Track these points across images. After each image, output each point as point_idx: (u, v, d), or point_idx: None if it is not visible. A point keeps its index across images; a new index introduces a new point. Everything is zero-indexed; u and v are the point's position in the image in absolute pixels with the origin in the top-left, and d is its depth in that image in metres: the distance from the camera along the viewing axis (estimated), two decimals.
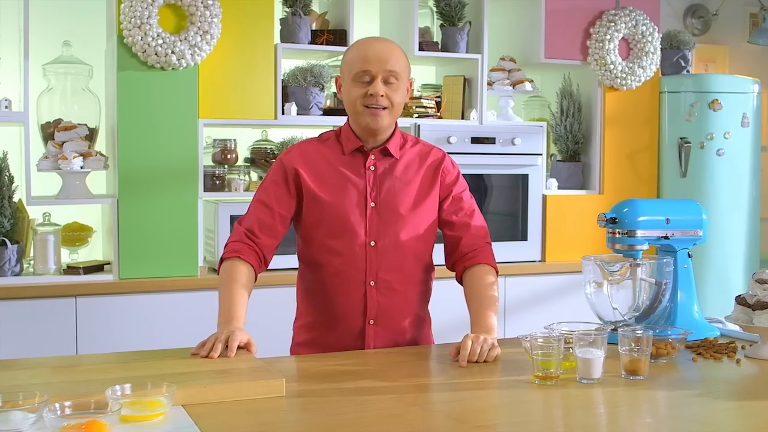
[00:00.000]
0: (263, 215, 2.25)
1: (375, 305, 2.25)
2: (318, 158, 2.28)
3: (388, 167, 2.28)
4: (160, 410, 1.59)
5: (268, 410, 1.67)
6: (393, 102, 2.20)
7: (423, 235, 2.29)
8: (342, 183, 2.25)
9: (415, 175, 2.30)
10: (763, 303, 2.10)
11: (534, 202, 4.13)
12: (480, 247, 2.32)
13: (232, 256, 2.21)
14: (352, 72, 2.21)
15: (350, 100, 2.22)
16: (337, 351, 2.23)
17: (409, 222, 2.26)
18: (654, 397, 1.82)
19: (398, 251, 2.25)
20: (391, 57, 2.20)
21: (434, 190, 2.31)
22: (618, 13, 4.18)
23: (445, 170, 2.34)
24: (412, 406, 1.68)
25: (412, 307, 2.32)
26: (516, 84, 4.11)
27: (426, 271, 2.35)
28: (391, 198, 2.26)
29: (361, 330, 2.26)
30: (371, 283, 2.24)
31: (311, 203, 2.25)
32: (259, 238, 2.24)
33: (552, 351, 1.87)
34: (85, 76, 3.64)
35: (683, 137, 4.29)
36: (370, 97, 2.18)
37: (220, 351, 1.96)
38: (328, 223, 2.24)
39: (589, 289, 2.34)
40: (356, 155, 2.28)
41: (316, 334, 2.32)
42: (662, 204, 2.45)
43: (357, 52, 2.22)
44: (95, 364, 1.92)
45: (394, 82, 2.20)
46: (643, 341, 1.92)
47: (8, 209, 3.35)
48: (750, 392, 1.90)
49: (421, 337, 2.37)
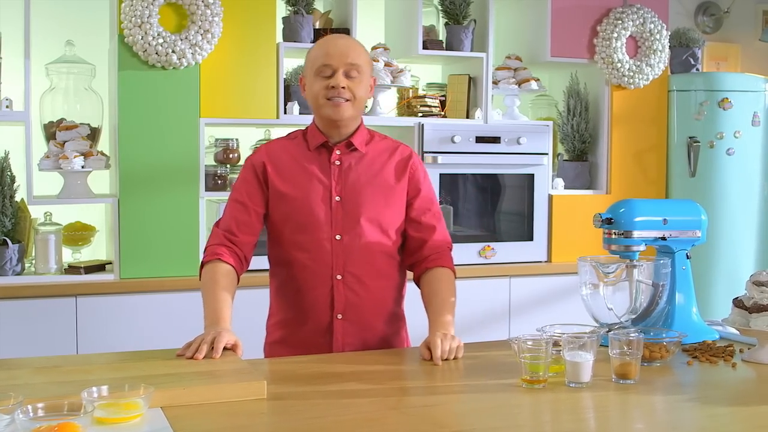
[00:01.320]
0: (239, 213, 2.27)
1: (343, 300, 2.24)
2: (284, 155, 2.30)
3: (354, 162, 2.28)
4: (136, 412, 1.58)
5: (247, 413, 1.65)
6: (355, 94, 2.21)
7: (390, 230, 2.29)
8: (307, 178, 2.26)
9: (382, 170, 2.30)
10: (760, 306, 2.05)
11: (540, 202, 4.09)
12: (442, 250, 2.33)
13: (213, 258, 2.21)
14: (314, 67, 2.23)
15: (312, 94, 2.24)
16: (308, 347, 2.23)
17: (374, 216, 2.26)
18: (644, 402, 1.78)
19: (364, 245, 2.25)
20: (353, 51, 2.22)
21: (402, 185, 2.31)
22: (625, 11, 4.12)
23: (414, 167, 2.34)
24: (393, 410, 1.66)
25: (382, 303, 2.31)
26: (522, 83, 4.07)
27: (397, 266, 2.34)
28: (356, 192, 2.26)
29: (329, 325, 2.25)
30: (338, 277, 2.24)
31: (277, 200, 2.26)
32: (238, 237, 2.25)
33: (540, 354, 1.83)
34: (87, 76, 3.64)
35: (692, 136, 4.23)
36: (332, 89, 2.19)
37: (205, 352, 1.95)
38: (294, 218, 2.25)
39: (585, 290, 2.31)
40: (321, 151, 2.29)
41: (288, 331, 2.31)
42: (660, 204, 2.40)
43: (319, 49, 2.25)
44: (78, 365, 1.91)
45: (356, 75, 2.22)
46: (634, 344, 1.88)
47: (9, 209, 3.35)
48: (744, 397, 1.85)
49: (394, 335, 2.35)
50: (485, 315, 3.93)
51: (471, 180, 4.01)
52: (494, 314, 3.96)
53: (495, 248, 4.00)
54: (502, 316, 3.97)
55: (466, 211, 4.06)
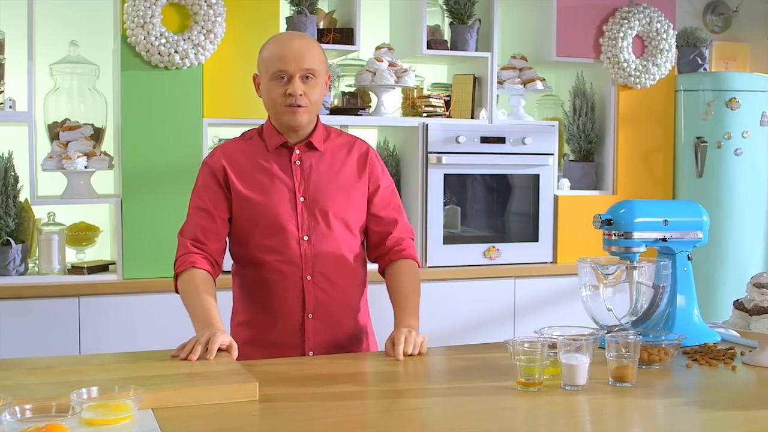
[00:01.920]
0: (203, 221, 2.24)
1: (313, 299, 2.24)
2: (242, 157, 2.28)
3: (315, 161, 2.28)
4: (125, 414, 1.57)
5: (238, 415, 1.64)
6: (311, 99, 2.22)
7: (353, 226, 2.30)
8: (270, 180, 2.25)
9: (342, 167, 2.30)
10: (760, 308, 2.02)
11: (545, 202, 4.06)
12: (405, 241, 2.35)
13: (187, 267, 2.19)
14: (269, 71, 2.21)
15: (270, 100, 2.23)
16: (278, 347, 2.22)
17: (338, 214, 2.26)
18: (641, 405, 1.76)
19: (331, 244, 2.25)
20: (308, 55, 2.20)
21: (362, 181, 2.32)
22: (632, 10, 4.09)
23: (372, 163, 2.35)
24: (384, 413, 1.64)
25: (349, 299, 2.31)
26: (527, 82, 4.04)
27: (360, 261, 2.35)
28: (320, 191, 2.26)
29: (300, 325, 2.25)
30: (308, 278, 2.24)
31: (241, 204, 2.24)
32: (206, 245, 2.23)
33: (535, 356, 1.81)
34: (91, 76, 3.64)
35: (700, 136, 4.19)
36: (289, 96, 2.19)
37: (199, 353, 1.94)
38: (261, 223, 2.23)
39: (584, 292, 2.29)
40: (281, 151, 2.28)
41: (256, 332, 2.29)
42: (661, 205, 2.37)
43: (273, 49, 2.22)
44: (73, 366, 1.90)
45: (312, 79, 2.21)
46: (631, 347, 1.86)
47: (13, 209, 3.36)
48: (743, 400, 1.82)
49: (360, 330, 2.35)
50: (490, 316, 3.91)
51: (476, 180, 3.99)
52: (499, 316, 3.94)
53: (500, 249, 3.98)
54: (506, 318, 3.95)
55: (470, 211, 4.04)
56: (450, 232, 3.93)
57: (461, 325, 3.85)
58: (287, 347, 2.23)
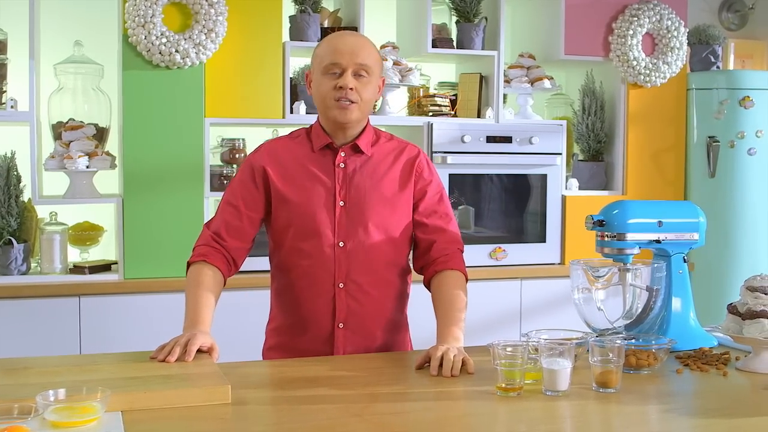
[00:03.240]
0: (230, 217, 2.20)
1: (344, 308, 2.18)
2: (287, 156, 2.22)
3: (359, 165, 2.21)
4: (91, 416, 1.55)
5: (207, 418, 1.61)
6: (362, 96, 2.14)
7: (395, 237, 2.21)
8: (310, 181, 2.18)
9: (388, 173, 2.22)
10: (753, 312, 1.96)
11: (553, 202, 4.00)
12: (452, 252, 2.23)
13: (199, 260, 2.17)
14: (321, 65, 2.15)
15: (319, 94, 2.16)
16: (307, 356, 2.16)
17: (379, 222, 2.18)
18: (623, 412, 1.71)
19: (368, 253, 2.18)
20: (362, 50, 2.14)
21: (408, 189, 2.23)
22: (642, 8, 4.02)
23: (420, 168, 2.25)
24: (355, 417, 1.60)
25: (384, 311, 2.23)
26: (534, 81, 3.99)
27: (401, 274, 2.26)
28: (361, 197, 2.18)
29: (330, 334, 2.19)
30: (340, 285, 2.17)
31: (280, 205, 2.19)
32: (226, 241, 2.19)
33: (515, 360, 1.77)
34: (96, 76, 3.64)
35: (712, 136, 4.11)
36: (340, 90, 2.12)
37: (177, 355, 1.92)
38: (296, 225, 2.18)
39: (577, 294, 2.24)
40: (326, 152, 2.21)
41: (286, 338, 2.25)
42: (655, 206, 2.31)
43: (328, 45, 2.16)
44: (49, 367, 1.88)
45: (365, 76, 2.14)
46: (615, 351, 1.81)
47: (15, 208, 3.37)
48: (729, 408, 1.76)
49: (395, 343, 2.28)
50: (495, 318, 3.86)
51: (481, 180, 3.94)
52: (505, 317, 3.89)
53: (506, 250, 3.93)
54: (512, 320, 3.90)
55: (476, 211, 3.99)
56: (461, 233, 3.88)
57: (467, 327, 3.79)
58: (316, 356, 2.16)
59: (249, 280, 3.36)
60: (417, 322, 2.41)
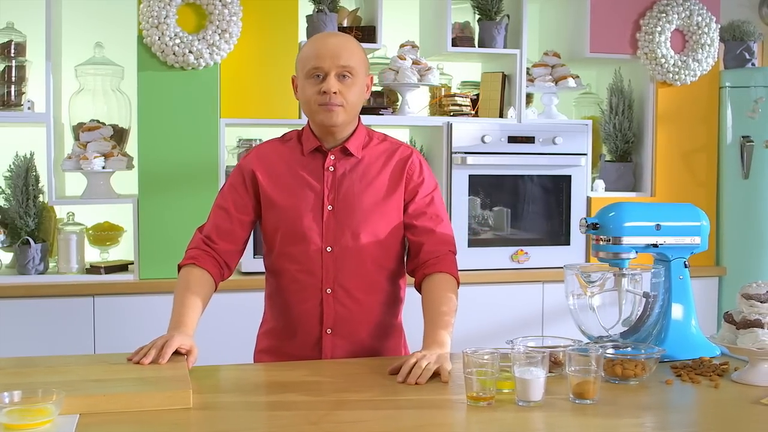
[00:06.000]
0: (221, 221, 2.19)
1: (332, 314, 2.14)
2: (276, 160, 2.20)
3: (349, 168, 2.17)
4: (45, 419, 1.54)
5: (164, 423, 1.59)
6: (347, 99, 2.09)
7: (384, 240, 2.16)
8: (299, 186, 2.15)
9: (378, 176, 2.17)
10: (747, 321, 1.86)
11: (578, 204, 3.90)
12: (442, 254, 2.16)
13: (189, 263, 2.16)
14: (305, 69, 2.12)
15: (304, 98, 2.13)
16: (295, 359, 2.14)
17: (368, 226, 2.14)
18: (596, 425, 1.63)
19: (356, 257, 2.13)
20: (344, 52, 2.09)
21: (398, 191, 2.18)
22: (670, 3, 3.89)
23: (411, 169, 2.19)
24: (312, 425, 1.56)
25: (374, 316, 2.19)
26: (559, 80, 3.89)
27: (392, 279, 2.21)
28: (349, 200, 2.14)
29: (318, 339, 2.16)
30: (327, 291, 2.14)
31: (268, 209, 2.17)
32: (218, 244, 2.18)
33: (485, 369, 1.71)
34: (116, 77, 3.67)
35: (746, 135, 3.96)
36: (324, 94, 2.08)
37: (152, 357, 1.91)
38: (284, 229, 2.15)
39: (571, 300, 2.17)
40: (316, 156, 2.18)
41: (276, 342, 2.23)
42: (654, 208, 2.21)
43: (310, 49, 2.13)
44: (18, 368, 1.88)
45: (349, 77, 2.10)
46: (593, 360, 1.73)
47: (33, 209, 3.41)
48: (711, 422, 1.67)
49: (387, 349, 2.23)
50: (516, 322, 3.78)
51: (503, 181, 3.85)
52: (526, 321, 3.80)
53: (528, 252, 3.85)
54: (534, 324, 3.81)
55: (497, 213, 3.91)
56: (475, 237, 3.82)
57: (486, 330, 3.73)
58: (304, 361, 2.13)
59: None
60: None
